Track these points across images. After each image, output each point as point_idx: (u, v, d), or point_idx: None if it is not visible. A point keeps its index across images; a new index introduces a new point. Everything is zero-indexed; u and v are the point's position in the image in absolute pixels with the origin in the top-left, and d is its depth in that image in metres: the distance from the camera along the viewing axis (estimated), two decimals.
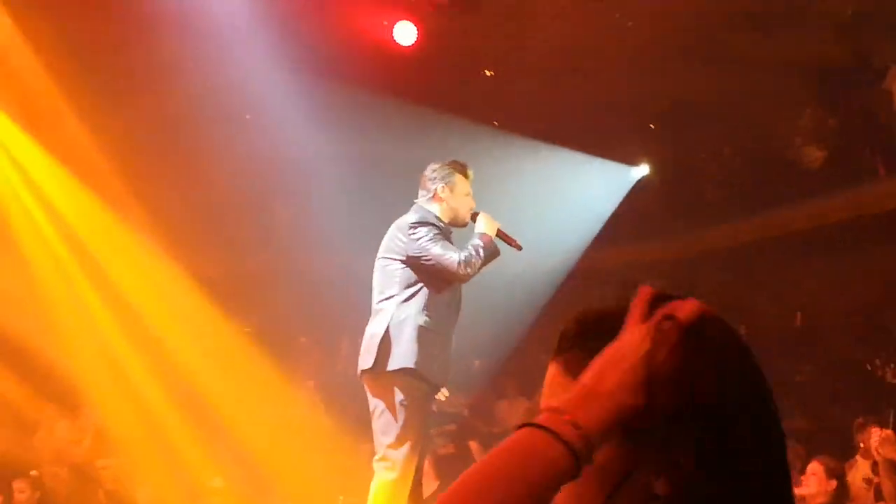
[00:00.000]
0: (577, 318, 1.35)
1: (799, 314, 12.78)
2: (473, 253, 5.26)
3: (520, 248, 5.61)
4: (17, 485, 7.76)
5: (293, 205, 12.70)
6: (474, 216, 5.55)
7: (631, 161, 14.23)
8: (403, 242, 5.23)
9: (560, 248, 13.05)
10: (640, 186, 14.23)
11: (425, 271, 5.22)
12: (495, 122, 12.73)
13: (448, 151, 12.35)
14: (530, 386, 11.99)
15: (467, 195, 5.52)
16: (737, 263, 13.96)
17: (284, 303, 12.20)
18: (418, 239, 5.19)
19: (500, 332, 13.05)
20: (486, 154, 12.36)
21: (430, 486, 7.99)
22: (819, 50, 12.06)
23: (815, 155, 12.84)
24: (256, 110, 11.43)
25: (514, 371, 12.73)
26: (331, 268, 10.22)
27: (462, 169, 5.54)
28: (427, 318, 5.17)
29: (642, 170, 14.37)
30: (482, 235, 5.42)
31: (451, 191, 5.43)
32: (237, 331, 10.76)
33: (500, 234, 5.54)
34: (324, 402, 9.31)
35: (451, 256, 5.16)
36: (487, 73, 11.95)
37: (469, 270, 5.20)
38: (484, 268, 5.40)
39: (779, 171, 13.52)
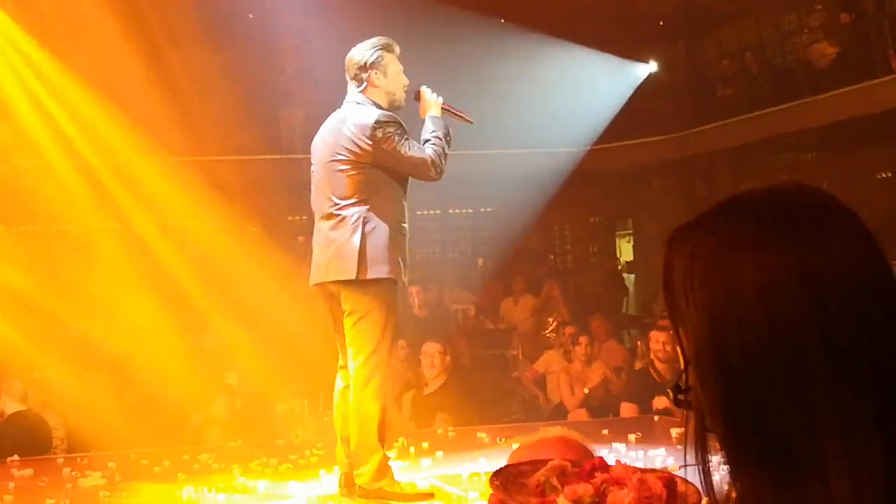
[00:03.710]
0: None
1: None
2: (439, 149, 4.97)
3: (470, 121, 5.20)
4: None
5: (299, 109, 12.63)
6: (417, 95, 5.17)
7: (639, 58, 14.08)
8: (368, 144, 4.88)
9: (567, 143, 12.98)
10: (648, 83, 14.09)
11: (388, 172, 4.96)
12: (502, 20, 12.56)
13: (458, 47, 12.39)
14: (536, 283, 12.07)
15: (399, 73, 5.09)
16: (748, 161, 13.90)
17: (287, 205, 12.25)
18: (385, 140, 4.87)
19: (505, 230, 13.09)
20: (494, 49, 12.25)
21: (437, 381, 8.10)
22: None
23: (827, 52, 12.66)
24: (259, 9, 11.30)
25: (520, 269, 12.79)
26: None
27: (389, 47, 5.08)
28: (396, 223, 4.96)
29: (650, 67, 14.23)
30: (434, 120, 5.09)
31: (385, 74, 5.03)
32: (245, 231, 10.84)
33: (447, 109, 5.19)
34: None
35: (423, 157, 4.91)
36: None
37: (441, 168, 4.96)
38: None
39: (790, 69, 13.36)
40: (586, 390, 8.42)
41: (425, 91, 5.20)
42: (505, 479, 1.63)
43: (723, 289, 1.03)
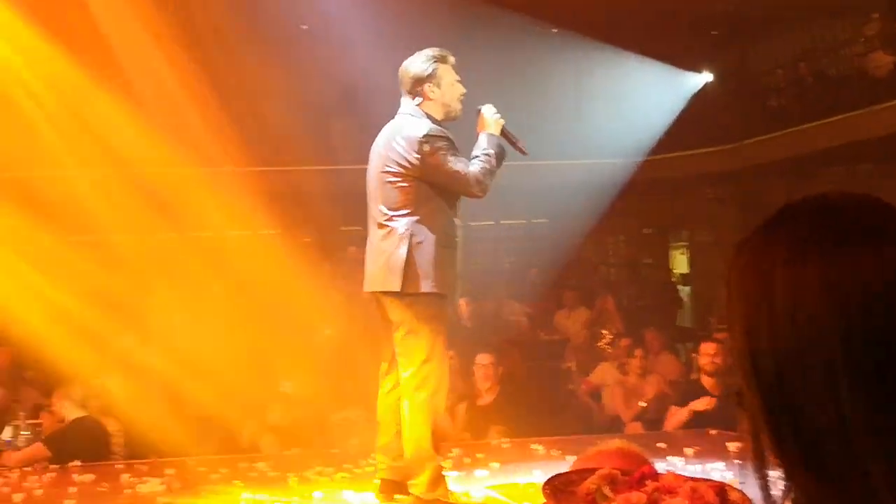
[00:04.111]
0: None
1: None
2: (486, 166, 4.98)
3: (525, 152, 5.19)
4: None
5: (352, 120, 12.70)
6: (478, 111, 5.19)
7: (693, 68, 13.99)
8: (416, 157, 4.90)
9: (620, 154, 12.91)
10: (702, 93, 14.00)
11: (437, 186, 4.98)
12: (554, 30, 12.54)
13: (511, 56, 12.38)
14: (589, 295, 12.01)
15: (454, 84, 5.11)
16: (803, 172, 13.76)
17: (340, 215, 12.31)
18: (432, 154, 4.89)
19: (558, 241, 13.03)
20: (548, 58, 12.22)
21: (490, 392, 8.09)
22: None
23: (883, 61, 12.49)
24: (313, 20, 11.38)
25: (574, 281, 12.74)
26: None
27: (443, 58, 5.11)
28: (444, 237, 4.98)
29: (705, 77, 14.14)
30: (489, 138, 5.10)
31: (439, 86, 5.05)
32: (299, 241, 10.93)
33: (505, 134, 5.17)
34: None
35: (467, 173, 4.92)
36: None
37: (485, 185, 4.98)
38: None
39: (846, 78, 13.21)
40: (643, 404, 8.35)
41: (486, 109, 5.20)
42: (556, 487, 1.64)
43: (755, 298, 1.05)
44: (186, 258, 10.36)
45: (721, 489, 1.67)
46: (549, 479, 1.67)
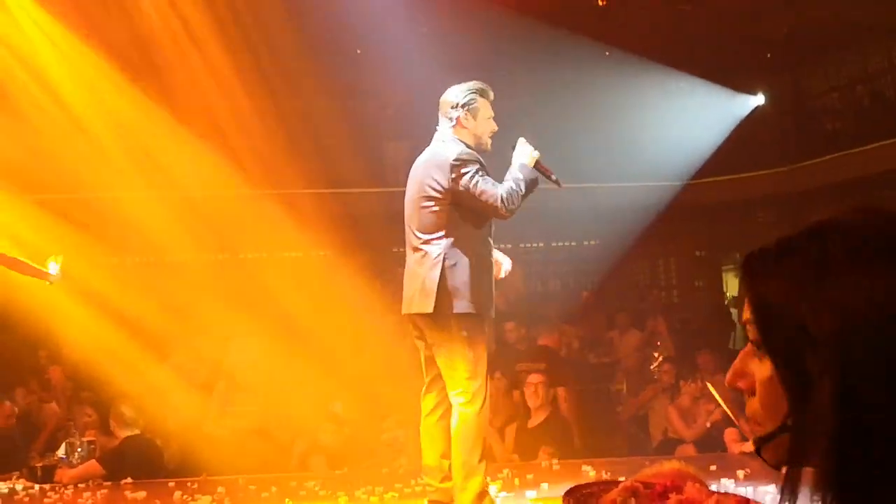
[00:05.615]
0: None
1: None
2: (514, 187, 5.07)
3: (560, 184, 5.28)
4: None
5: (404, 146, 12.76)
6: (513, 147, 5.33)
7: (746, 90, 13.88)
8: (446, 181, 5.04)
9: (672, 176, 12.83)
10: (755, 116, 13.88)
11: (469, 209, 5.08)
12: (607, 52, 12.52)
13: (563, 77, 12.37)
14: (640, 317, 11.92)
15: (489, 119, 5.26)
16: (858, 195, 13.57)
17: (391, 237, 12.36)
18: (462, 176, 5.00)
19: (609, 264, 12.97)
20: (600, 79, 12.19)
21: (540, 413, 8.06)
22: None
23: None
24: (367, 43, 11.47)
25: (625, 303, 12.66)
26: None
27: (483, 92, 5.27)
28: (477, 259, 5.08)
29: (758, 99, 14.02)
30: (522, 167, 5.22)
31: (474, 117, 5.21)
32: (350, 262, 11.00)
33: (539, 166, 5.29)
34: None
35: (494, 193, 5.00)
36: (600, 2, 11.71)
37: (512, 206, 5.05)
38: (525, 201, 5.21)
39: None
40: (708, 424, 8.28)
41: (521, 144, 5.33)
42: (577, 500, 1.64)
43: (850, 311, 0.99)
44: (241, 279, 10.47)
45: None
46: (569, 490, 1.66)
